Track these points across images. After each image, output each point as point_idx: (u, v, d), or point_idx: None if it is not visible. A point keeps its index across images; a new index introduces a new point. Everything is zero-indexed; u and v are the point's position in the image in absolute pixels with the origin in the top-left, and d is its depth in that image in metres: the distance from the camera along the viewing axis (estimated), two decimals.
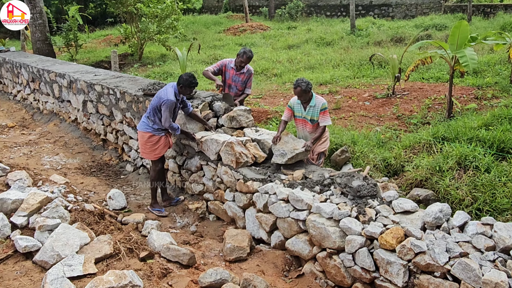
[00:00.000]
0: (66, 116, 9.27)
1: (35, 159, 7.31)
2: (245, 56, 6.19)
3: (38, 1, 14.95)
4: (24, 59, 11.67)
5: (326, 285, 4.03)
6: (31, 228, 4.38)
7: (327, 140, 5.67)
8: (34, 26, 15.23)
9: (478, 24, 17.79)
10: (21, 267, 3.86)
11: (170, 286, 3.70)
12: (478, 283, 3.06)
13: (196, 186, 5.85)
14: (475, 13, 20.60)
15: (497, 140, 5.77)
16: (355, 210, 3.95)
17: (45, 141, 8.42)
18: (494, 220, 3.47)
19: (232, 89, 6.47)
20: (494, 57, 12.03)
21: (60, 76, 9.05)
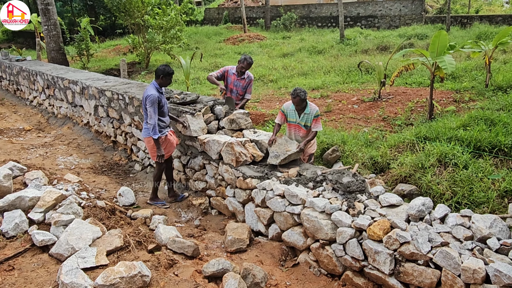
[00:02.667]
0: (79, 119, 9.25)
1: (51, 159, 7.29)
2: (245, 62, 6.22)
3: (52, 14, 14.91)
4: (40, 67, 11.63)
5: (320, 273, 4.04)
6: (47, 223, 4.37)
7: (315, 143, 5.72)
8: (49, 37, 15.19)
9: (456, 34, 17.89)
10: (38, 260, 3.85)
11: (176, 275, 3.70)
12: (458, 270, 3.08)
13: (199, 183, 5.85)
14: (453, 24, 20.71)
15: (474, 139, 5.81)
16: (345, 204, 3.96)
17: (59, 143, 8.40)
18: (472, 212, 3.49)
19: (233, 93, 6.50)
20: (471, 63, 12.09)
21: (73, 83, 9.03)
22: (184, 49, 19.03)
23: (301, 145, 5.07)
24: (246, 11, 28.46)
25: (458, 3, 25.50)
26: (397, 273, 3.43)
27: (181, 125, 5.78)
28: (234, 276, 3.63)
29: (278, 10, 27.52)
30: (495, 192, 4.65)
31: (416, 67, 10.24)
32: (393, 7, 23.71)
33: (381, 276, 3.53)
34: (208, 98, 6.46)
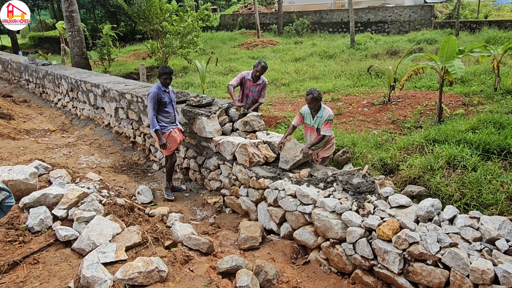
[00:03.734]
0: (100, 121, 9.36)
1: (74, 159, 7.38)
2: (259, 66, 6.22)
3: (76, 21, 15.12)
4: (64, 71, 11.81)
5: (330, 271, 4.01)
6: (70, 219, 4.43)
7: (332, 147, 5.59)
8: (73, 42, 15.40)
9: (465, 39, 17.59)
10: (61, 254, 3.90)
11: (191, 271, 3.70)
12: (467, 270, 3.03)
13: (214, 182, 5.86)
14: (462, 29, 20.38)
15: (483, 142, 5.70)
16: (355, 204, 3.93)
17: (82, 143, 8.49)
18: (480, 214, 3.43)
19: (249, 98, 6.50)
20: (480, 67, 11.88)
21: (95, 86, 9.14)
22: (200, 54, 19.12)
23: (304, 150, 5.01)
24: (260, 17, 28.49)
25: (467, 9, 25.09)
26: (406, 273, 3.39)
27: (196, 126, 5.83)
28: (247, 273, 3.62)
29: (290, 16, 27.46)
30: (504, 194, 4.56)
31: (426, 71, 10.10)
32: (402, 13, 23.45)
33: (390, 275, 3.48)
34: (223, 101, 6.48)
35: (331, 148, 5.58)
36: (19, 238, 4.16)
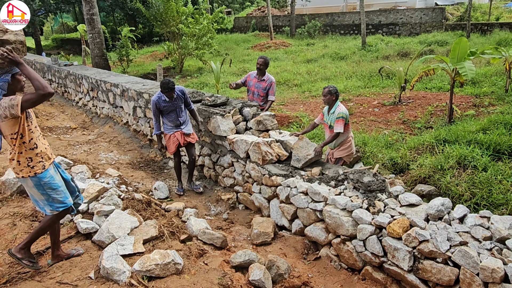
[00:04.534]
0: (119, 119, 9.46)
1: (94, 155, 7.49)
2: (260, 59, 6.35)
3: (97, 23, 15.33)
4: (85, 71, 11.97)
5: (340, 267, 3.99)
6: (90, 213, 4.50)
7: (348, 149, 5.29)
8: (93, 44, 15.63)
9: (476, 41, 17.27)
10: (82, 245, 3.97)
11: (206, 264, 3.73)
12: (476, 268, 2.98)
13: (227, 179, 5.88)
14: (473, 31, 20.01)
15: (493, 142, 5.61)
16: (366, 202, 3.90)
17: (101, 141, 8.61)
18: (491, 213, 3.37)
19: (254, 95, 6.56)
20: (491, 69, 11.66)
21: (114, 86, 9.24)
22: (214, 55, 19.20)
23: (317, 148, 4.99)
24: (273, 20, 28.43)
25: (478, 11, 24.60)
26: (416, 270, 3.35)
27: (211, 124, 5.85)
28: (259, 267, 3.63)
29: (303, 19, 27.35)
30: None
31: (436, 73, 9.96)
32: (414, 15, 23.14)
33: (400, 272, 3.45)
34: (237, 100, 6.49)
35: (346, 150, 5.29)
36: None
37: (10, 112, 3.00)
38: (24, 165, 3.21)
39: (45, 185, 3.29)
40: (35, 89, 3.03)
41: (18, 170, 3.23)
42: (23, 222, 4.35)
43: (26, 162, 3.22)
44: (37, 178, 3.25)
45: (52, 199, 3.33)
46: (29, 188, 3.32)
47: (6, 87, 3.07)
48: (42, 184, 3.27)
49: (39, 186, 3.27)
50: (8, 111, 3.00)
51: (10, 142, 3.17)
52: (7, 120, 3.05)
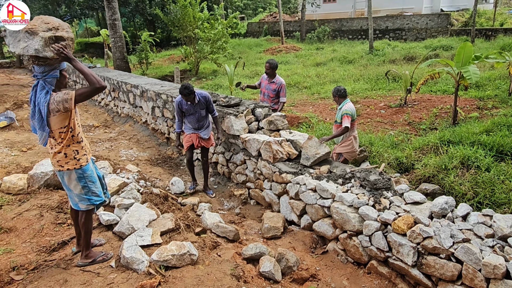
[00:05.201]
0: (138, 118, 9.55)
1: (115, 152, 7.57)
2: (266, 64, 6.47)
3: (118, 28, 15.50)
4: (107, 73, 12.10)
5: (347, 261, 3.97)
6: (111, 206, 4.56)
7: (349, 146, 5.39)
8: (115, 47, 15.79)
9: (480, 45, 16.97)
10: (104, 236, 4.03)
11: (219, 256, 3.75)
12: (479, 264, 2.94)
13: (240, 176, 5.90)
14: (478, 36, 19.66)
15: (496, 144, 5.52)
16: (372, 199, 3.88)
17: (122, 138, 8.69)
18: (493, 212, 3.32)
19: (265, 96, 6.64)
20: (495, 73, 11.45)
21: (134, 87, 9.33)
22: (228, 58, 19.23)
23: (323, 138, 5.12)
24: (284, 25, 28.35)
25: (483, 17, 24.12)
26: (420, 265, 3.32)
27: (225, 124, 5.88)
28: (269, 259, 3.64)
29: (313, 24, 27.22)
30: None
31: (441, 76, 9.83)
32: (420, 21, 22.83)
33: (404, 266, 3.42)
34: (249, 101, 6.50)
35: (347, 148, 5.39)
36: (67, 221, 4.32)
37: (63, 106, 2.95)
38: (71, 157, 3.17)
39: (87, 178, 3.27)
40: (89, 83, 3.01)
41: (63, 163, 3.17)
42: (49, 213, 4.43)
43: (73, 155, 3.17)
44: (81, 170, 3.23)
45: (92, 193, 3.31)
46: (71, 182, 3.24)
47: (55, 83, 3.03)
48: (85, 176, 3.26)
49: (81, 178, 3.24)
50: (62, 105, 2.95)
51: (58, 136, 3.09)
52: (58, 114, 2.99)
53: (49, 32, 2.93)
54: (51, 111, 2.96)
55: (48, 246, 3.81)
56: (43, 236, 4.03)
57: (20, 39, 2.90)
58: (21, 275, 3.39)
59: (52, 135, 3.10)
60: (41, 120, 3.00)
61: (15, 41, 2.91)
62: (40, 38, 2.87)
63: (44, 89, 2.98)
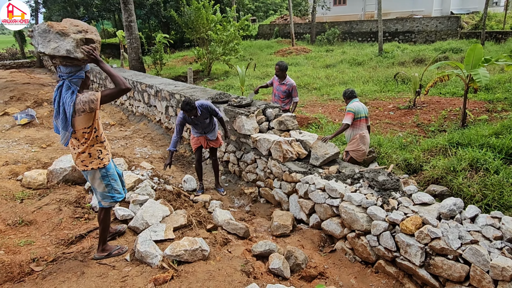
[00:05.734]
0: (152, 117, 9.63)
1: (130, 149, 7.64)
2: (276, 66, 6.50)
3: (134, 30, 15.64)
4: (123, 73, 12.21)
5: (354, 260, 3.95)
6: (126, 201, 4.60)
7: (354, 145, 5.35)
8: (131, 48, 15.94)
9: (490, 48, 16.68)
10: None
11: (229, 252, 3.76)
12: (487, 266, 2.90)
13: (250, 175, 5.91)
14: (488, 39, 19.32)
15: (506, 146, 5.42)
16: (380, 200, 3.85)
17: (137, 136, 8.78)
18: (502, 214, 3.26)
19: (276, 96, 6.68)
20: (504, 76, 11.23)
21: (149, 87, 9.42)
22: (240, 59, 19.25)
23: (325, 137, 5.13)
24: (294, 27, 28.28)
25: (493, 20, 23.68)
26: (427, 265, 3.29)
27: (236, 124, 5.89)
28: (278, 257, 3.65)
29: (323, 26, 27.08)
30: None
31: (451, 79, 9.69)
32: (429, 23, 22.54)
33: (411, 266, 3.39)
34: (260, 102, 6.51)
35: (353, 146, 5.37)
36: (85, 215, 4.39)
37: (89, 106, 2.95)
38: (95, 157, 3.18)
39: (109, 176, 3.30)
40: (115, 85, 3.02)
41: (87, 163, 3.17)
42: (67, 207, 4.50)
43: (96, 154, 3.18)
44: (105, 169, 3.26)
45: (114, 190, 3.35)
46: (95, 180, 3.27)
47: (80, 83, 3.03)
48: (108, 174, 3.29)
49: (105, 176, 3.27)
50: (88, 105, 2.94)
51: (81, 136, 3.09)
52: (83, 115, 2.98)
53: (80, 34, 2.95)
54: (76, 111, 2.96)
55: (66, 239, 3.87)
56: (62, 229, 4.09)
57: (50, 39, 2.89)
58: (40, 266, 3.45)
59: (74, 136, 3.10)
60: (65, 120, 2.99)
61: (45, 42, 2.90)
62: (72, 39, 2.88)
63: (69, 89, 2.98)
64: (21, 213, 4.32)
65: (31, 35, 3.02)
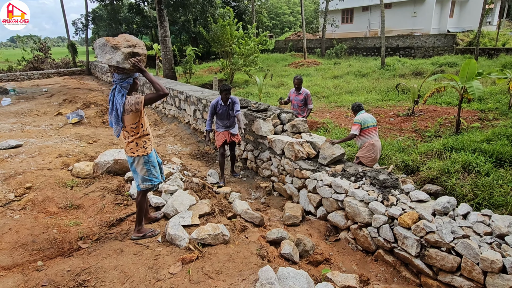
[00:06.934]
0: (182, 119, 9.74)
1: (162, 146, 7.75)
2: (296, 80, 6.54)
3: (168, 43, 15.87)
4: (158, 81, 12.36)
5: (356, 249, 3.90)
6: (159, 191, 4.67)
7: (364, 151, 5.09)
8: (165, 59, 16.17)
9: (483, 63, 16.13)
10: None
11: (246, 238, 3.77)
12: (477, 259, 2.82)
13: (266, 171, 5.91)
14: (481, 55, 18.70)
15: (496, 151, 5.24)
16: (381, 196, 3.78)
17: (168, 135, 8.89)
18: (492, 212, 3.17)
19: (295, 106, 6.65)
20: (496, 88, 10.86)
21: (180, 92, 9.53)
22: (258, 70, 19.25)
23: (332, 140, 5.06)
24: (306, 43, 28.08)
25: (486, 37, 22.88)
26: (422, 256, 3.22)
27: (255, 126, 5.89)
28: (289, 243, 3.64)
29: (331, 42, 26.79)
30: None
31: (446, 90, 9.42)
32: (428, 40, 21.98)
33: (408, 256, 3.32)
34: (275, 107, 6.49)
35: (362, 153, 5.12)
36: (124, 202, 4.48)
37: (135, 107, 3.18)
38: (141, 146, 3.40)
39: (150, 163, 3.48)
40: (156, 90, 3.23)
41: (134, 150, 3.40)
42: (109, 194, 4.61)
43: (142, 144, 3.40)
44: (147, 156, 3.45)
45: (152, 175, 3.51)
46: (138, 165, 3.46)
47: (128, 88, 3.25)
48: (150, 161, 3.47)
49: (147, 162, 3.45)
50: (134, 106, 3.18)
51: (130, 130, 3.32)
52: (131, 114, 3.22)
53: (129, 48, 3.15)
54: (125, 110, 3.19)
55: (108, 222, 3.96)
56: (105, 213, 4.19)
57: (106, 52, 3.11)
58: (86, 244, 3.55)
59: (124, 129, 3.33)
60: (117, 117, 3.23)
61: (103, 53, 3.13)
62: (121, 52, 3.09)
63: (120, 92, 3.20)
64: (71, 198, 4.45)
65: (95, 46, 3.20)
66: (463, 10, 27.58)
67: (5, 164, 5.62)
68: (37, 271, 3.06)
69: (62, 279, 2.92)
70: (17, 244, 3.47)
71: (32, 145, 6.80)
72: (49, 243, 3.51)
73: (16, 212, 4.08)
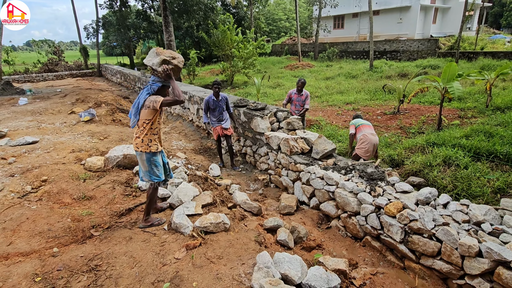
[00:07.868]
0: (186, 117, 9.71)
1: (168, 142, 7.73)
2: (299, 82, 6.51)
3: (173, 47, 15.76)
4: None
5: (346, 235, 3.92)
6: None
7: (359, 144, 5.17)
8: None
9: (463, 65, 16.14)
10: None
11: (245, 226, 3.77)
12: (456, 244, 2.84)
13: (263, 165, 5.91)
14: (461, 58, 18.71)
15: (474, 146, 5.26)
16: (368, 188, 3.79)
17: (173, 132, 8.86)
18: (469, 202, 3.18)
19: (296, 106, 6.67)
20: (475, 88, 10.88)
21: (184, 93, 9.48)
22: (256, 72, 19.17)
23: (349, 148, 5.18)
24: (301, 46, 27.97)
25: (466, 42, 22.84)
26: (406, 242, 3.24)
27: (253, 124, 5.88)
28: (285, 231, 3.64)
29: (324, 46, 26.69)
30: (490, 189, 4.20)
31: (429, 90, 9.42)
32: (412, 44, 21.94)
33: (393, 242, 3.34)
34: (272, 106, 6.48)
35: (359, 145, 5.17)
36: (133, 193, 4.47)
37: (153, 105, 3.26)
38: (146, 143, 3.41)
39: (152, 161, 3.47)
40: (174, 95, 3.33)
41: (139, 146, 3.42)
42: (119, 187, 4.60)
43: (147, 142, 3.41)
44: (150, 154, 3.45)
45: (153, 173, 3.50)
46: (141, 160, 3.48)
47: (156, 90, 3.34)
48: (151, 160, 3.47)
49: (148, 160, 3.45)
50: (152, 104, 3.26)
51: (141, 125, 3.36)
52: (148, 110, 3.29)
53: (167, 57, 3.34)
54: (144, 105, 3.29)
55: (118, 211, 3.96)
56: (115, 203, 4.19)
57: (152, 56, 3.34)
58: (98, 232, 3.55)
59: (138, 123, 3.39)
60: (137, 109, 3.33)
61: (149, 57, 3.35)
62: (159, 58, 3.30)
63: (147, 90, 3.34)
64: (84, 190, 4.44)
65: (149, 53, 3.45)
66: (445, 17, 27.52)
67: (22, 159, 5.59)
68: (52, 256, 3.07)
69: (76, 264, 2.93)
70: (34, 232, 3.47)
71: (48, 141, 6.77)
72: (63, 231, 3.51)
73: (33, 203, 4.07)
